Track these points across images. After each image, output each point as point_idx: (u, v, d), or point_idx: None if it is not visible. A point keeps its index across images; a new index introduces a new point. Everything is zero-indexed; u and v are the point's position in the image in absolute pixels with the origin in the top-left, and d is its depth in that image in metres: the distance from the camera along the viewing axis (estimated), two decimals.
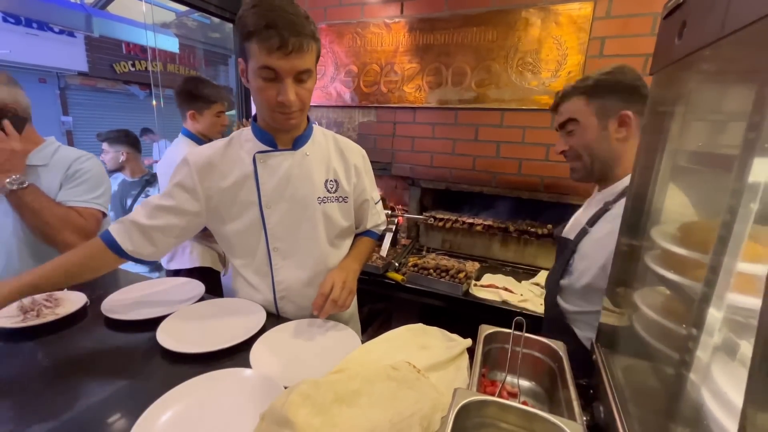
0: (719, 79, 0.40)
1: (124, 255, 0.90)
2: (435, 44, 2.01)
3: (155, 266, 2.50)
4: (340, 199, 1.02)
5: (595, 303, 0.89)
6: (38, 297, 0.97)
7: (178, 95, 1.76)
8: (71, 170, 1.21)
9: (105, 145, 2.37)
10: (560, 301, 1.02)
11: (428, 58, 2.04)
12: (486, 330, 0.80)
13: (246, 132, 0.97)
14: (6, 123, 1.08)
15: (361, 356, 0.75)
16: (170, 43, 4.86)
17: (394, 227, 2.20)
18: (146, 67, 7.80)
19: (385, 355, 0.75)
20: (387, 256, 2.05)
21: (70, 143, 7.72)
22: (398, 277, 1.84)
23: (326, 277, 0.96)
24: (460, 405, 0.51)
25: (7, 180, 1.06)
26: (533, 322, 0.79)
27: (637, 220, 0.62)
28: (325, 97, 2.34)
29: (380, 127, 2.27)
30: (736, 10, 0.38)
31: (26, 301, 0.94)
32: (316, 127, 1.03)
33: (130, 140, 2.42)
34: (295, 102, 0.84)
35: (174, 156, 1.71)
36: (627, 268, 0.64)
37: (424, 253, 2.22)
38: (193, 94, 1.73)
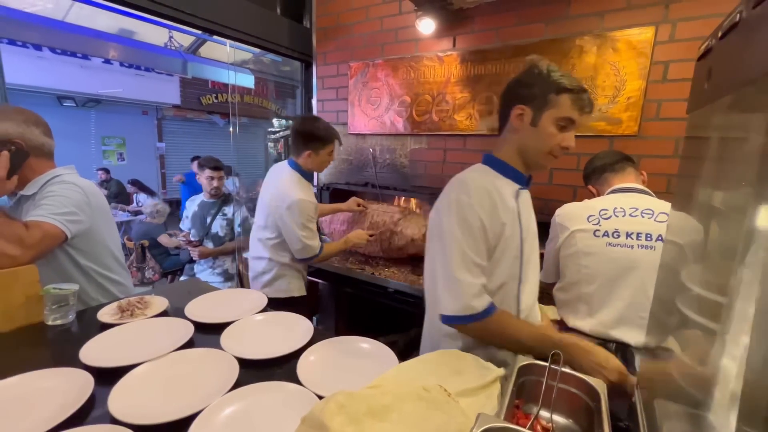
0: (734, 130, 0.41)
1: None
2: (486, 74, 2.06)
3: (227, 276, 2.77)
4: None
5: None
6: (132, 299, 1.16)
7: (299, 134, 1.75)
8: (41, 193, 1.21)
9: (212, 171, 2.60)
10: None
11: (479, 87, 2.09)
12: (521, 361, 0.81)
13: (490, 177, 1.01)
14: (4, 154, 1.11)
15: (396, 375, 0.79)
16: (247, 80, 5.71)
17: None
18: (227, 99, 8.90)
19: (419, 376, 0.79)
20: None
21: (162, 166, 8.92)
22: None
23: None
24: (481, 429, 0.54)
25: None
26: None
27: (676, 265, 0.60)
28: (380, 126, 2.49)
29: (431, 154, 2.34)
30: (750, 63, 0.39)
31: (123, 302, 1.14)
32: None
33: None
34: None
35: (286, 189, 1.68)
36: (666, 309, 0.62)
37: None
38: (314, 135, 1.72)
